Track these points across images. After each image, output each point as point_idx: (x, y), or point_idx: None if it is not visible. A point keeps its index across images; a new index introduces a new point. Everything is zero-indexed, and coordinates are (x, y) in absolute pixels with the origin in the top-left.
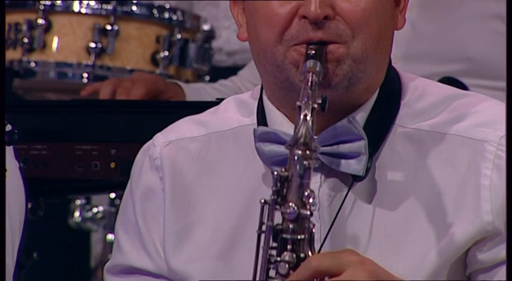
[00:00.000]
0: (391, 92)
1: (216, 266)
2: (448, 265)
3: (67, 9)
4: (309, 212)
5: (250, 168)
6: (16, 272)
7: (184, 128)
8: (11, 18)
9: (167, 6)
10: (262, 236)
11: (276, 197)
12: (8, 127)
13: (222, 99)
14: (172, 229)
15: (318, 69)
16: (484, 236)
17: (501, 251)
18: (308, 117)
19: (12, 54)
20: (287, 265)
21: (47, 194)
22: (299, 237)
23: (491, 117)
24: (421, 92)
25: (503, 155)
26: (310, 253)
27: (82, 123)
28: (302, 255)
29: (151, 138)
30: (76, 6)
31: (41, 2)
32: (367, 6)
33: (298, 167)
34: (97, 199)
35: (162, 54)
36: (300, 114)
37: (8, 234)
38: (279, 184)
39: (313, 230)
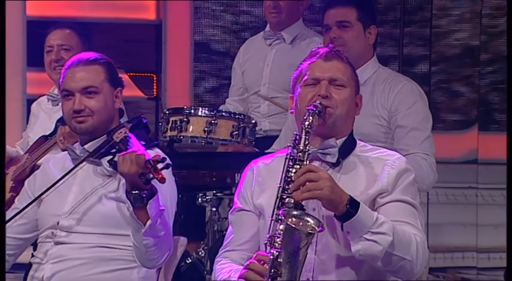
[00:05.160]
0: (352, 140)
1: (270, 200)
2: (368, 203)
3: (195, 114)
4: (307, 154)
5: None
6: (172, 226)
7: (264, 158)
8: (173, 118)
9: (236, 112)
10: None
11: (294, 150)
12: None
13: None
14: (256, 191)
15: (317, 111)
16: (381, 192)
17: (386, 198)
18: (303, 135)
19: (173, 133)
20: (295, 171)
21: (186, 191)
22: (302, 163)
23: (390, 153)
24: (363, 144)
25: (395, 165)
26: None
27: (203, 161)
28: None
29: (239, 166)
30: (199, 113)
31: (189, 110)
32: (345, 97)
33: (302, 142)
34: (208, 194)
35: (235, 132)
36: (302, 130)
37: (169, 209)
38: (295, 144)
39: (307, 162)
